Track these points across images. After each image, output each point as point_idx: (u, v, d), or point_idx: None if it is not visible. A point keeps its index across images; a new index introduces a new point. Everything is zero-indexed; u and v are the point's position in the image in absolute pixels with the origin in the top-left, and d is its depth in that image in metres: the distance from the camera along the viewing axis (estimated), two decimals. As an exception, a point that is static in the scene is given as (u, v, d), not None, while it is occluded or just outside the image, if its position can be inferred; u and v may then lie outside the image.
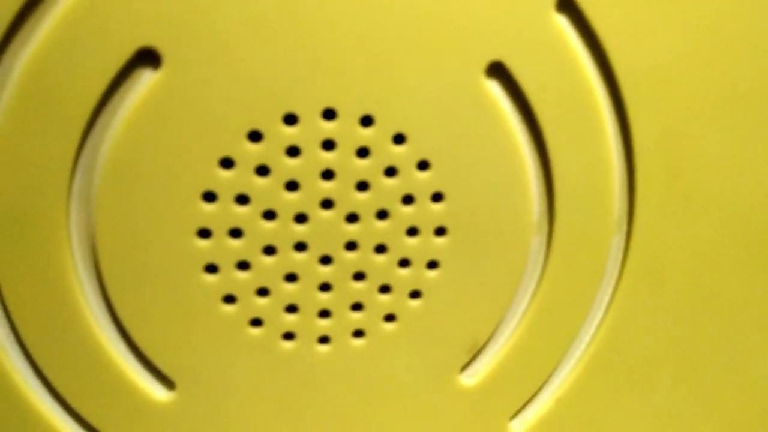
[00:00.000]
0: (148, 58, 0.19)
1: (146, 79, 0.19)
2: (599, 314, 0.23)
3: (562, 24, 0.20)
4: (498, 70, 0.20)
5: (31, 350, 0.21)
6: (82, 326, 0.21)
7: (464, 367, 0.22)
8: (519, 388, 0.23)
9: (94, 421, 0.21)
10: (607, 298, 0.22)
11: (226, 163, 0.20)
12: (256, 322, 0.21)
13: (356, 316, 0.21)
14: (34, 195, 0.19)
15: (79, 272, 0.20)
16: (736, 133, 0.21)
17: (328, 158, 0.20)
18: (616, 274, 0.22)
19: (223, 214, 0.20)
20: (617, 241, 0.22)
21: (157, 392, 0.21)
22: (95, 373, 0.21)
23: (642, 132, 0.21)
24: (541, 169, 0.21)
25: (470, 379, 0.22)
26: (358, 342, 0.22)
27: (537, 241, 0.22)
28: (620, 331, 0.23)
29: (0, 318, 0.21)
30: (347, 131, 0.20)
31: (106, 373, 0.21)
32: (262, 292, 0.21)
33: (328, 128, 0.20)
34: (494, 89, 0.20)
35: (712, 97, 0.21)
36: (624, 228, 0.22)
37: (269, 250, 0.21)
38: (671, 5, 0.20)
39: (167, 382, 0.21)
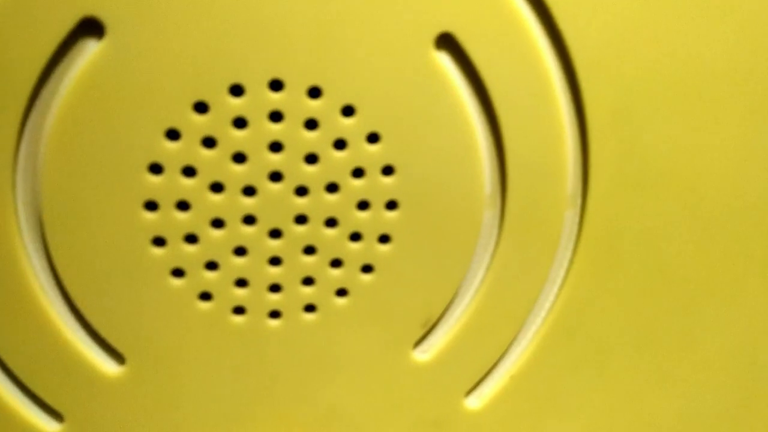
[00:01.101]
0: (92, 28, 0.19)
1: (90, 50, 0.19)
2: (554, 289, 0.22)
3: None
4: (448, 42, 0.20)
5: (-19, 324, 0.21)
6: (30, 299, 0.20)
7: (418, 343, 0.22)
8: (474, 363, 0.23)
9: (44, 396, 0.21)
10: (562, 273, 0.22)
11: (172, 134, 0.19)
12: (206, 296, 0.21)
13: (307, 290, 0.21)
14: (-21, 167, 0.19)
15: (26, 244, 0.20)
16: (689, 110, 0.21)
17: (276, 130, 0.20)
18: (570, 248, 0.22)
19: (169, 186, 0.20)
20: (571, 215, 0.22)
21: (108, 366, 0.21)
22: (44, 347, 0.21)
23: (595, 107, 0.21)
24: (493, 142, 0.21)
25: (424, 354, 0.22)
26: (310, 317, 0.21)
27: (489, 215, 0.22)
28: (575, 306, 0.22)
29: (-51, 292, 0.20)
30: (295, 102, 0.20)
31: (55, 347, 0.21)
32: (211, 265, 0.21)
33: (275, 99, 0.19)
34: (444, 61, 0.20)
35: (666, 75, 0.21)
36: (578, 202, 0.22)
37: (217, 223, 0.20)
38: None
39: (117, 357, 0.21)
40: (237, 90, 0.19)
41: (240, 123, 0.20)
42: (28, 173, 0.20)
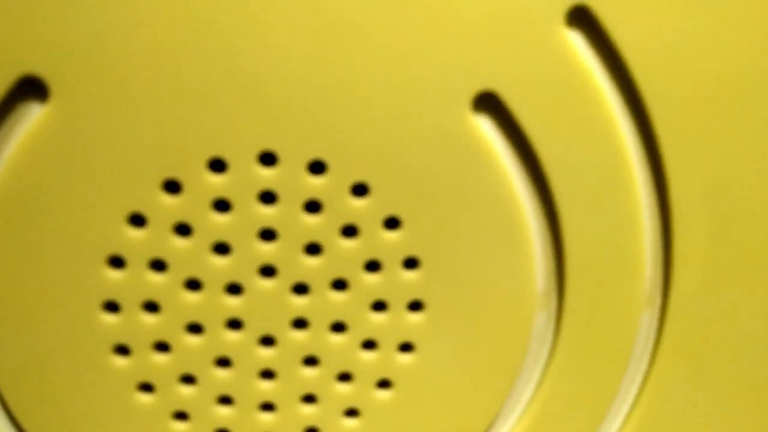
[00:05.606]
0: (33, 88, 0.15)
1: (32, 115, 0.15)
2: (624, 409, 0.18)
3: (574, 42, 0.15)
4: (489, 102, 0.15)
5: None
6: (-31, 416, 0.17)
7: (448, 473, 0.18)
8: (520, 498, 0.18)
9: None
10: (634, 390, 0.18)
11: (137, 220, 0.15)
12: (181, 416, 0.17)
13: (308, 410, 0.17)
14: None
15: (-38, 351, 0.16)
16: (806, 182, 0.16)
17: (267, 214, 0.16)
18: (646, 359, 0.18)
19: (134, 282, 0.16)
20: (648, 318, 0.17)
21: (65, 496, 0.17)
22: (-13, 472, 0.17)
23: (681, 185, 0.16)
24: (547, 226, 0.16)
25: (456, 487, 0.18)
26: (312, 442, 0.17)
27: (543, 318, 0.17)
28: (650, 430, 0.18)
29: None
30: (291, 180, 0.15)
31: (2, 472, 0.17)
32: (187, 379, 0.17)
33: (267, 176, 0.15)
34: (484, 126, 0.16)
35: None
36: (657, 302, 0.17)
37: (194, 329, 0.16)
38: (714, 18, 0.15)
39: (76, 485, 0.17)
40: (218, 165, 0.15)
41: (222, 206, 0.15)
42: (-38, 265, 0.16)
